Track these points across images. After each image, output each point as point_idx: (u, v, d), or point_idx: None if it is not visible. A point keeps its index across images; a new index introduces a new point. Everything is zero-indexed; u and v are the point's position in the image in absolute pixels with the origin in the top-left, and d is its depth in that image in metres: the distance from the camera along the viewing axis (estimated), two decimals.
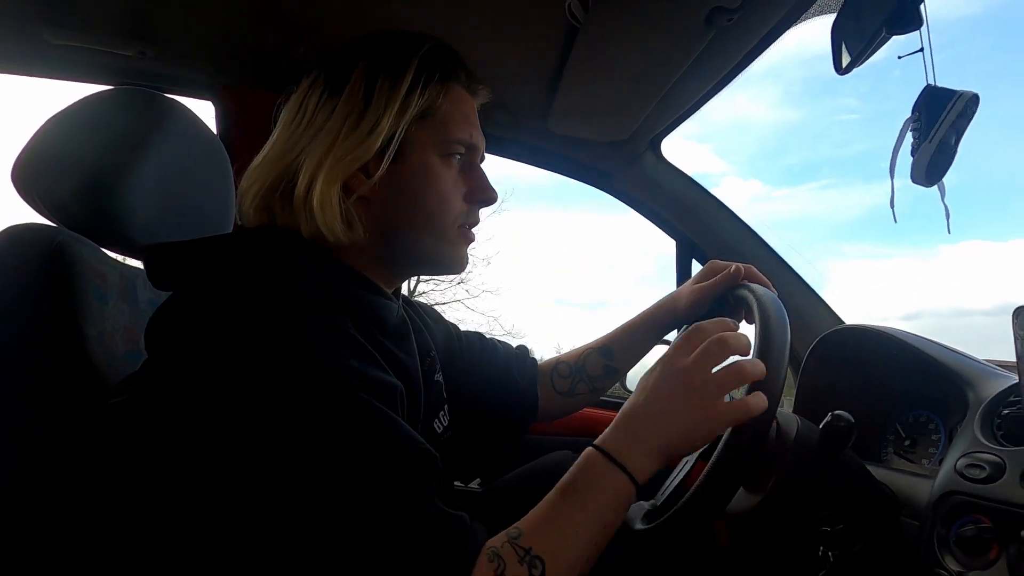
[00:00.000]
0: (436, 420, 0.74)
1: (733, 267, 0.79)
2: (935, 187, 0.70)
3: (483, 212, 0.69)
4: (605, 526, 0.53)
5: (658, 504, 0.69)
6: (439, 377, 0.77)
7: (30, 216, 0.70)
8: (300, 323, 0.51)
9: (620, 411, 0.57)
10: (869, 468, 0.73)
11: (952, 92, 0.65)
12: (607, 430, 0.56)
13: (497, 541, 0.51)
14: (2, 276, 0.62)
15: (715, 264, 0.81)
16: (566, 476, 0.55)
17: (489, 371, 0.88)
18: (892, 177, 0.72)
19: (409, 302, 0.80)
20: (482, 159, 0.69)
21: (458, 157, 0.64)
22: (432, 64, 0.61)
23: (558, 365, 0.92)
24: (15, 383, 0.59)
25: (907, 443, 0.87)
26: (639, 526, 0.65)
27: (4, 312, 0.60)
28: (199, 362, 0.50)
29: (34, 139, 0.70)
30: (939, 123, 0.65)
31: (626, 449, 0.54)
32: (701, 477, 0.58)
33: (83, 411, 0.61)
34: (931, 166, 0.68)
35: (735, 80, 0.95)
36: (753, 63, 0.91)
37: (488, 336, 0.93)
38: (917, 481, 0.72)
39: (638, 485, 0.54)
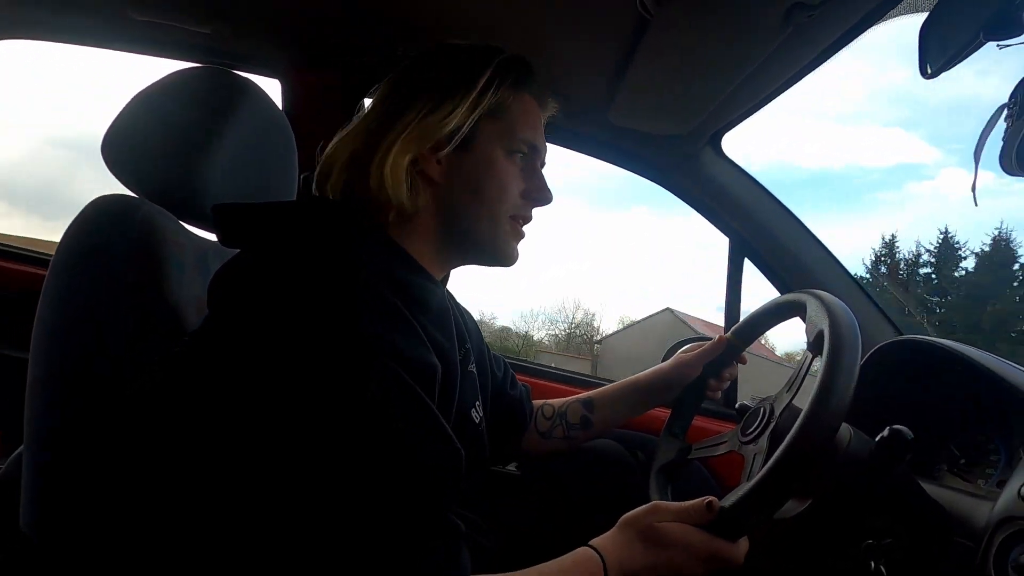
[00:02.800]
0: (473, 410, 0.76)
1: (718, 337, 0.91)
2: None
3: None
4: None
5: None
6: (473, 368, 0.79)
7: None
8: (353, 290, 0.53)
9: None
10: (921, 484, 0.72)
11: None
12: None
13: None
14: (93, 244, 0.65)
15: (699, 342, 0.94)
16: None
17: (511, 396, 0.93)
18: (976, 162, 0.69)
19: (449, 293, 0.82)
20: (543, 164, 0.74)
21: (521, 156, 0.70)
22: (508, 69, 0.68)
23: (544, 407, 0.98)
24: (100, 347, 0.63)
25: (963, 462, 0.84)
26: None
27: (94, 277, 0.64)
28: (252, 315, 0.53)
29: (121, 114, 0.74)
30: None
31: None
32: (756, 480, 0.58)
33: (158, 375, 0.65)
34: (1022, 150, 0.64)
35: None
36: (829, 60, 0.88)
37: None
38: (972, 502, 0.70)
39: None
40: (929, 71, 0.62)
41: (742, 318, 0.91)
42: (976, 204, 0.73)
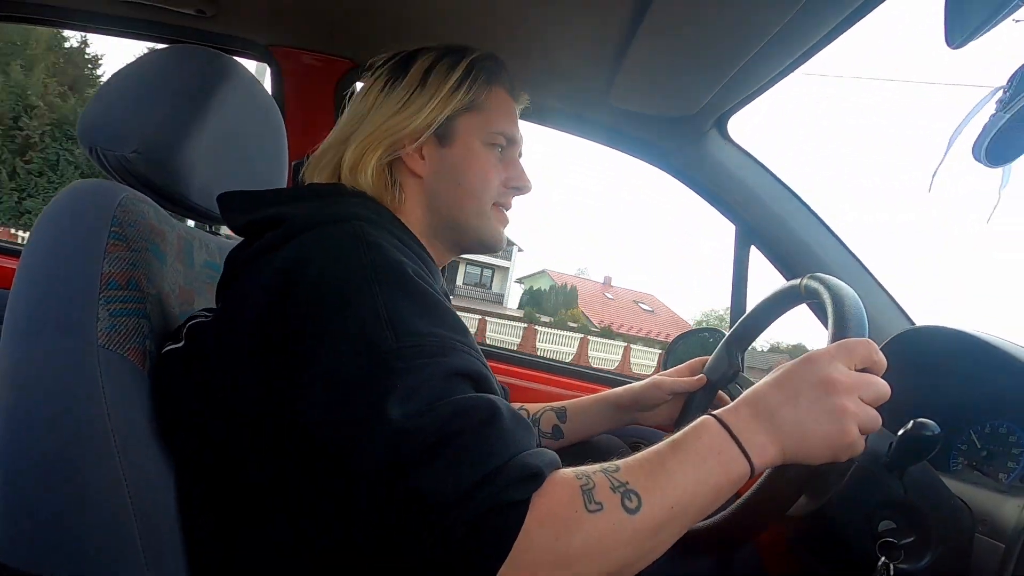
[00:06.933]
0: None
1: (698, 378, 0.90)
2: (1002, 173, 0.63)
3: None
4: (713, 489, 0.48)
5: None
6: None
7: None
8: (376, 246, 0.54)
9: (747, 393, 0.53)
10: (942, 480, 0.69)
11: None
12: (728, 407, 0.53)
13: (588, 468, 0.48)
14: (68, 232, 0.61)
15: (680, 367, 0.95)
16: (676, 435, 0.51)
17: None
18: (948, 147, 0.65)
19: None
20: (520, 154, 0.79)
21: (499, 148, 0.74)
22: (480, 67, 0.73)
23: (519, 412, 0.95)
24: (78, 339, 0.59)
25: (983, 454, 0.81)
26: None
27: (69, 267, 0.60)
28: (284, 290, 0.53)
29: (98, 96, 0.70)
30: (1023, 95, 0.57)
31: (745, 427, 0.50)
32: (764, 477, 0.55)
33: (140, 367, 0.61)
34: (997, 141, 0.60)
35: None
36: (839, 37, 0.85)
37: None
38: (994, 496, 0.67)
39: (752, 467, 0.49)
40: (955, 41, 0.58)
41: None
42: (930, 190, 0.70)
